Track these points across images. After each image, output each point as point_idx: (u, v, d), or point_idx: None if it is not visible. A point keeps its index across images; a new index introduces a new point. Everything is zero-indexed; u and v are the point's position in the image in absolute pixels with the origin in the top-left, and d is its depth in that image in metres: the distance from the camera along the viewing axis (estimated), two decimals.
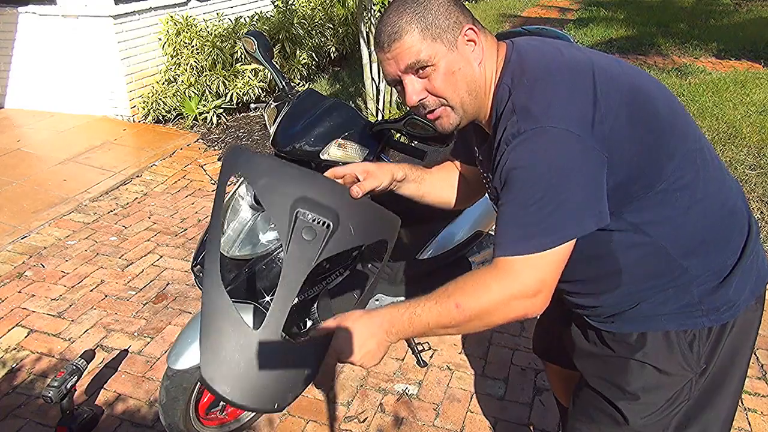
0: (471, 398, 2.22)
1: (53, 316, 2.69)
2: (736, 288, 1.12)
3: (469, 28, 1.05)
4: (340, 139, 1.69)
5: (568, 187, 0.94)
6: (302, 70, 5.51)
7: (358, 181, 1.21)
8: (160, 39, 5.02)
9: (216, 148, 4.55)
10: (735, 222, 1.14)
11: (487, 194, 1.27)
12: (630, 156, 1.00)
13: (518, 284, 0.95)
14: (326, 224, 1.09)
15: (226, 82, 4.88)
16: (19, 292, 2.86)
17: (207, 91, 4.90)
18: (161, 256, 3.15)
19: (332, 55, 6.04)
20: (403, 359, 2.40)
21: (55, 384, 1.88)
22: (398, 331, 1.02)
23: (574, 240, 0.96)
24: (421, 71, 1.04)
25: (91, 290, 2.87)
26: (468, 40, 1.05)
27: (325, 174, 1.20)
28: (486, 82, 1.08)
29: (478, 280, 0.99)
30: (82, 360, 2.00)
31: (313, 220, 1.08)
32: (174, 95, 4.89)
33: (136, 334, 2.57)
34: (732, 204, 1.14)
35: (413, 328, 1.01)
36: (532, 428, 2.10)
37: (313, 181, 1.13)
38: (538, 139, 0.95)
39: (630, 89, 1.04)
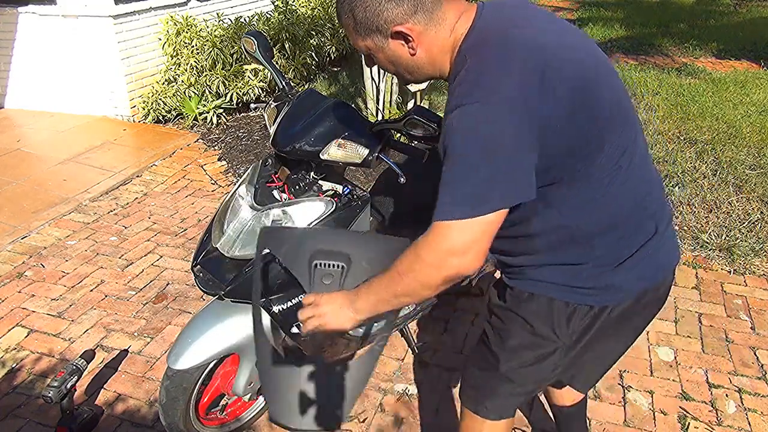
0: None
1: (53, 316, 2.69)
2: (624, 277, 1.20)
3: (396, 31, 1.08)
4: (340, 139, 1.69)
5: (500, 161, 0.99)
6: (302, 71, 5.51)
7: None
8: (160, 39, 5.02)
9: (216, 148, 4.55)
10: (643, 220, 1.21)
11: None
12: (565, 140, 1.05)
13: (447, 244, 1.01)
14: (340, 266, 1.28)
15: (226, 82, 4.88)
16: (19, 292, 2.86)
17: (207, 91, 4.90)
18: (161, 256, 3.15)
19: (332, 55, 6.04)
20: (402, 359, 2.40)
21: (55, 384, 1.88)
22: (358, 300, 1.13)
23: (504, 210, 1.01)
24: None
25: (91, 290, 2.87)
26: (400, 38, 1.10)
27: None
28: (433, 60, 1.13)
29: (415, 245, 1.06)
30: (82, 360, 2.00)
31: (329, 266, 1.28)
32: (174, 95, 4.89)
33: (136, 334, 2.57)
34: (645, 204, 1.21)
35: (369, 298, 1.12)
36: (531, 428, 2.10)
37: (325, 235, 1.35)
38: (478, 112, 0.99)
39: (580, 77, 1.06)
